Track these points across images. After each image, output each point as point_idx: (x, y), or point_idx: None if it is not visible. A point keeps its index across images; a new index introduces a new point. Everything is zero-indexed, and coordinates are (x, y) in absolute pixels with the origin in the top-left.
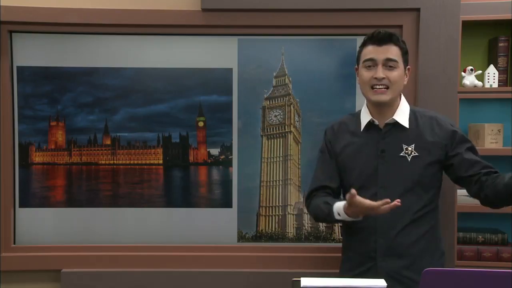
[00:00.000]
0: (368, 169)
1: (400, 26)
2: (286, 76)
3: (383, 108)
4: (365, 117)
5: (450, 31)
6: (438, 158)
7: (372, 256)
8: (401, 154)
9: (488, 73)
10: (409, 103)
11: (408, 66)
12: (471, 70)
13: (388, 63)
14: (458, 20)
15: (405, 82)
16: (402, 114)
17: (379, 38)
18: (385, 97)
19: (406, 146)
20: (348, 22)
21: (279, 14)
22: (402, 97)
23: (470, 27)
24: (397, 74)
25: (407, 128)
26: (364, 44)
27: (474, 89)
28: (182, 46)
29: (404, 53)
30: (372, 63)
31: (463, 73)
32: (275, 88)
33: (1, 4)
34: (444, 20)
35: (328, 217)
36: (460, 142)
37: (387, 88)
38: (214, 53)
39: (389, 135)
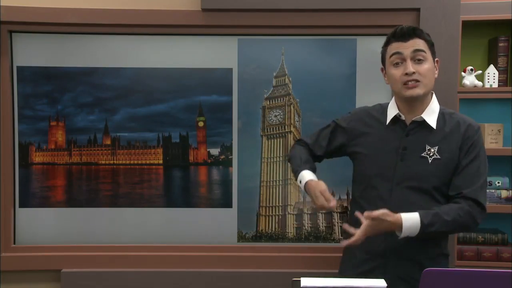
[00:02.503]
0: (387, 163)
1: None
2: (286, 76)
3: (414, 104)
4: (392, 111)
5: (450, 31)
6: (457, 164)
7: (380, 255)
8: (423, 154)
9: (488, 73)
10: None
11: (437, 59)
12: (471, 70)
13: (416, 56)
14: (458, 20)
15: (436, 75)
16: (432, 114)
17: (403, 33)
18: (418, 91)
19: (429, 147)
20: (348, 22)
21: (279, 14)
22: (434, 96)
23: (470, 27)
24: (427, 66)
25: (433, 128)
26: (387, 43)
27: (474, 89)
28: (182, 46)
29: (431, 45)
30: (399, 59)
31: (463, 73)
32: (275, 88)
33: (1, 4)
34: (444, 20)
35: (294, 173)
36: (471, 160)
37: (419, 81)
38: (214, 53)
39: (413, 133)
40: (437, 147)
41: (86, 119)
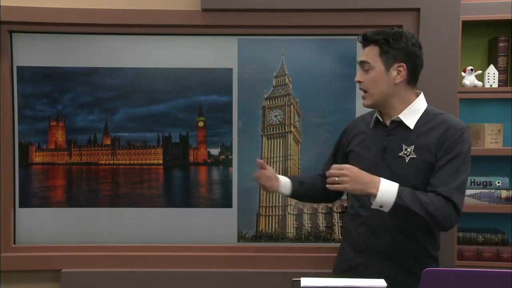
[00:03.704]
0: (371, 165)
1: (400, 26)
2: (286, 76)
3: (380, 109)
4: (376, 113)
5: (450, 31)
6: (434, 164)
7: (363, 251)
8: (400, 154)
9: (488, 73)
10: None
11: (400, 63)
12: (471, 70)
13: (364, 67)
14: (458, 20)
15: (397, 81)
16: (411, 114)
17: (362, 40)
18: (365, 102)
19: (405, 147)
20: (348, 22)
21: (279, 14)
22: (420, 96)
23: (470, 27)
24: (371, 76)
25: (411, 128)
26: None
27: (474, 89)
28: (182, 46)
29: (384, 52)
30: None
31: (463, 73)
32: (275, 88)
33: (1, 4)
34: (444, 20)
35: None
36: (449, 160)
37: (366, 91)
38: (214, 53)
39: (393, 133)
40: (413, 146)
41: (86, 119)
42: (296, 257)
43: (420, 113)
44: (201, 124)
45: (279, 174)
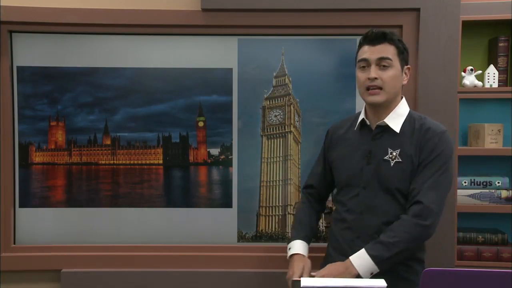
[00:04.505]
0: (356, 168)
1: (400, 26)
2: (286, 76)
3: (378, 109)
4: (361, 116)
5: (450, 31)
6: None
7: (348, 255)
8: (385, 158)
9: (488, 73)
10: (411, 106)
11: (408, 66)
12: (471, 70)
13: (382, 63)
14: (458, 20)
15: (404, 82)
16: (396, 118)
17: (373, 38)
18: (378, 98)
19: (391, 151)
20: (348, 22)
21: (279, 14)
22: (403, 100)
23: (470, 27)
24: (391, 74)
25: (397, 132)
26: (359, 46)
27: (474, 89)
28: (182, 46)
29: (401, 52)
30: (366, 64)
31: (463, 73)
32: (275, 88)
33: (1, 4)
34: (444, 20)
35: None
36: (426, 164)
37: (381, 88)
38: (214, 53)
39: (379, 137)
40: (398, 150)
41: (86, 119)
42: None
43: (404, 117)
44: (201, 124)
45: (279, 174)
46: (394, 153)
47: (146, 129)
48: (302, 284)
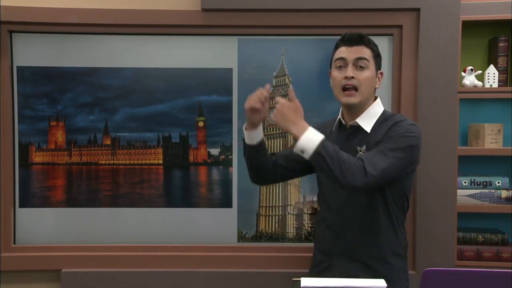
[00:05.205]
0: None
1: (400, 26)
2: (286, 76)
3: (353, 110)
4: (338, 118)
5: (450, 31)
6: None
7: (329, 255)
8: (357, 156)
9: (488, 73)
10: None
11: (381, 71)
12: (471, 70)
13: (358, 63)
14: (458, 20)
15: (378, 86)
16: (369, 118)
17: (350, 39)
18: (353, 100)
19: (359, 148)
20: (348, 22)
21: (279, 14)
22: (377, 101)
23: (470, 27)
24: (367, 74)
25: (368, 132)
26: (336, 47)
27: (474, 89)
28: (182, 46)
29: (376, 56)
30: (343, 63)
31: (463, 73)
32: (275, 88)
33: (1, 4)
34: (444, 20)
35: (244, 148)
36: (378, 142)
37: (356, 90)
38: (214, 53)
39: (353, 137)
40: (364, 146)
41: (86, 119)
42: (296, 257)
43: (377, 117)
44: (201, 124)
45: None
46: (362, 149)
47: (146, 129)
48: (302, 284)
